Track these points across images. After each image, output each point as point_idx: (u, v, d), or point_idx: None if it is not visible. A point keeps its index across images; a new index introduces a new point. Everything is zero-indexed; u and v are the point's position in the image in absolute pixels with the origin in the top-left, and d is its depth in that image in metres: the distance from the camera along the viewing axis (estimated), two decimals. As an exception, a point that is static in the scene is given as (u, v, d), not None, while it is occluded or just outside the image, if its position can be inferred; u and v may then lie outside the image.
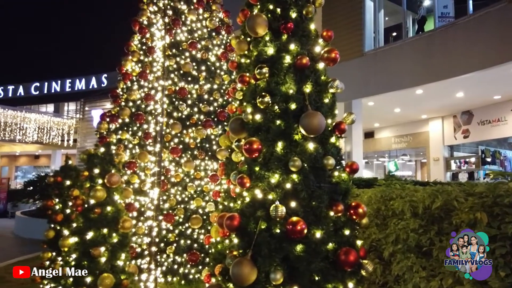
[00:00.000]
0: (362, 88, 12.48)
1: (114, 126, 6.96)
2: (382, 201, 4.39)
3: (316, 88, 2.66)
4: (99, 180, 3.70)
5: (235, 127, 2.79)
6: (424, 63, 11.19)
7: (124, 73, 7.15)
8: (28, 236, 13.03)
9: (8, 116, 22.26)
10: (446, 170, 15.51)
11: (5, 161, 33.87)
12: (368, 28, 13.36)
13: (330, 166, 2.53)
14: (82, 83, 28.37)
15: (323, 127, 2.48)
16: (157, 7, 7.28)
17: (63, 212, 4.88)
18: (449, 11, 12.06)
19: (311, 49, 2.76)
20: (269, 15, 2.76)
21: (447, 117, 15.42)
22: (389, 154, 18.72)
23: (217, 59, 7.49)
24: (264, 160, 2.54)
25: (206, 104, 7.06)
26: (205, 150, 6.84)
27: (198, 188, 6.66)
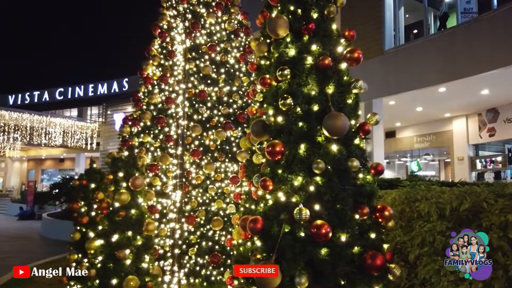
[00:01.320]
0: (382, 87, 12.27)
1: (136, 130, 7.07)
2: (406, 203, 4.30)
3: (339, 88, 2.62)
4: (123, 183, 3.76)
5: (257, 130, 2.78)
6: (447, 61, 10.92)
7: (145, 77, 7.25)
8: (54, 238, 13.37)
9: (34, 121, 22.97)
10: (471, 170, 15.08)
11: (32, 164, 34.96)
12: (388, 26, 13.14)
13: (354, 168, 2.49)
14: (104, 87, 29.01)
15: (347, 129, 2.44)
16: (176, 11, 7.36)
17: (88, 214, 4.98)
18: (472, 7, 11.74)
19: (333, 50, 2.72)
20: (290, 16, 2.74)
21: (471, 115, 15.00)
22: (411, 154, 18.34)
23: (236, 61, 7.50)
24: (287, 163, 2.52)
25: (226, 106, 7.08)
26: (225, 152, 6.86)
27: (219, 190, 6.69)
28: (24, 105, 31.63)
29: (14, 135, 23.26)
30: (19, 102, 33.05)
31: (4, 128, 22.41)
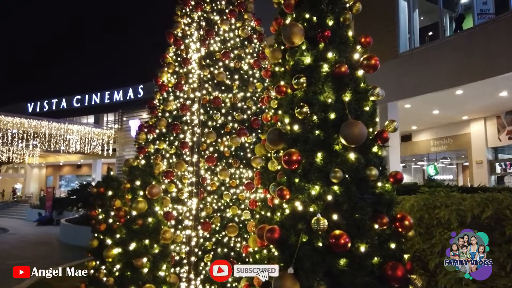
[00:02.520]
0: (398, 91, 12.13)
1: (152, 136, 7.14)
2: (425, 209, 4.22)
3: (356, 96, 2.59)
4: (140, 192, 3.79)
5: (273, 138, 2.76)
6: (464, 62, 10.73)
7: (161, 84, 7.32)
8: (72, 243, 13.58)
9: (52, 128, 23.46)
10: (490, 174, 14.74)
11: (50, 170, 35.68)
12: (403, 28, 13.01)
13: (373, 177, 2.45)
14: (120, 94, 29.48)
15: (364, 137, 2.41)
16: (190, 19, 7.43)
17: (106, 221, 5.04)
18: (489, 8, 11.53)
19: (350, 57, 2.70)
20: (305, 24, 2.73)
21: (489, 118, 14.68)
22: (428, 158, 18.05)
23: (250, 67, 7.52)
24: (304, 171, 2.49)
25: (240, 112, 7.09)
26: (239, 158, 6.86)
27: (234, 196, 6.68)
28: (42, 112, 32.40)
29: (33, 142, 23.79)
30: (37, 110, 33.86)
31: (23, 135, 22.95)
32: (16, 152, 25.86)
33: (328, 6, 2.70)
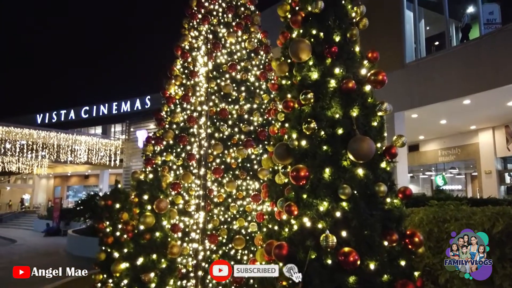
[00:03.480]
0: (404, 100, 12.09)
1: (159, 148, 7.17)
2: (434, 223, 4.17)
3: (364, 111, 2.59)
4: (148, 206, 3.80)
5: (281, 153, 2.77)
6: (471, 72, 10.69)
7: (168, 96, 7.38)
8: (79, 254, 13.58)
9: (61, 139, 23.70)
10: (500, 184, 14.54)
11: (58, 181, 35.92)
12: (409, 38, 13.02)
13: (382, 193, 2.44)
14: (127, 105, 29.72)
15: (373, 153, 2.40)
16: (198, 32, 7.51)
17: (113, 234, 5.04)
18: (496, 17, 11.51)
19: (357, 72, 2.71)
20: (312, 40, 2.75)
21: (498, 128, 14.54)
22: (436, 168, 17.88)
23: (256, 79, 7.56)
24: (312, 187, 2.49)
25: (247, 124, 7.11)
26: (246, 170, 6.85)
27: (241, 208, 6.66)
28: (51, 123, 32.77)
29: (42, 153, 24.02)
30: (46, 121, 34.25)
31: (32, 146, 23.20)
32: (25, 163, 26.12)
33: (335, 22, 2.72)
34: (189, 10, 7.72)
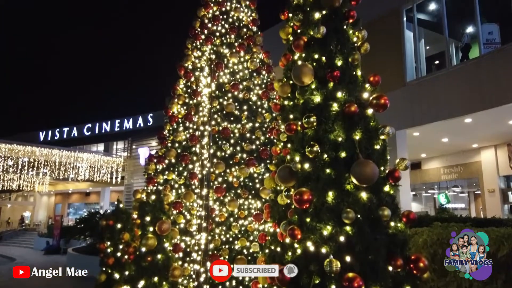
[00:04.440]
0: (406, 119, 12.13)
1: (161, 167, 7.17)
2: (439, 244, 4.14)
3: (366, 134, 2.60)
4: (150, 228, 3.78)
5: (284, 175, 2.77)
6: (472, 91, 10.75)
7: (171, 115, 7.43)
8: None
9: (63, 157, 23.73)
10: (503, 203, 14.43)
11: (59, 198, 35.79)
12: (409, 58, 13.15)
13: (385, 217, 2.43)
14: (130, 122, 29.86)
15: (376, 176, 2.40)
16: (201, 52, 7.61)
17: (114, 255, 5.00)
18: (495, 37, 11.64)
19: (359, 96, 2.73)
20: (314, 64, 2.78)
21: (500, 146, 14.53)
22: (438, 186, 17.78)
23: (259, 98, 7.61)
24: (315, 211, 2.48)
25: (249, 142, 7.12)
26: (248, 189, 6.83)
27: (242, 228, 6.60)
28: (54, 141, 32.88)
29: (44, 170, 24.02)
30: (49, 138, 34.37)
31: (34, 163, 23.22)
32: (27, 180, 26.09)
33: (337, 47, 2.76)
34: (192, 31, 7.86)
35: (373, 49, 3.59)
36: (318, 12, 2.81)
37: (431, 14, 13.82)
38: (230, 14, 7.80)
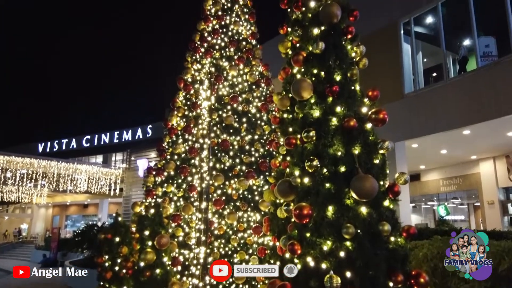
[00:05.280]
0: (404, 131, 12.16)
1: (160, 179, 7.15)
2: (439, 258, 4.11)
3: (365, 149, 2.61)
4: (149, 242, 3.75)
5: (283, 190, 2.77)
6: (470, 103, 10.81)
7: (170, 128, 7.44)
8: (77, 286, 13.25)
9: (61, 168, 23.65)
10: (503, 214, 14.39)
11: (57, 210, 35.57)
12: (407, 70, 13.25)
13: (386, 233, 2.42)
14: (129, 134, 29.86)
15: (376, 191, 2.40)
16: (200, 65, 7.67)
17: (112, 269, 4.94)
18: (492, 50, 11.75)
19: (358, 110, 2.75)
20: (313, 78, 2.81)
21: (499, 158, 14.55)
22: (438, 198, 17.74)
23: (258, 111, 7.64)
24: (315, 226, 2.47)
25: (248, 155, 7.12)
26: (247, 201, 6.80)
27: (242, 241, 6.56)
28: (52, 152, 32.81)
29: (42, 182, 23.91)
30: (47, 149, 34.31)
31: (32, 175, 23.13)
32: (25, 192, 25.95)
33: (336, 62, 2.79)
34: (192, 44, 7.92)
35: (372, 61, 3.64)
36: (317, 28, 2.85)
37: (428, 27, 13.97)
38: (230, 27, 7.88)
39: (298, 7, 3.01)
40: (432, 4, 12.55)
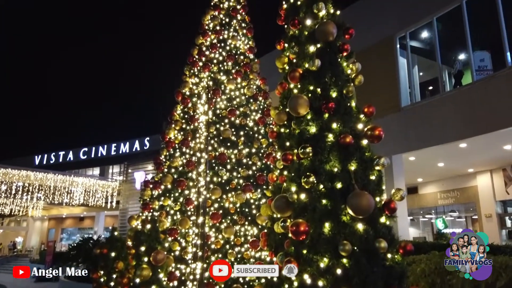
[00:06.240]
0: (401, 143, 12.20)
1: (157, 193, 7.11)
2: (437, 273, 4.10)
3: (362, 165, 2.63)
4: (145, 258, 3.72)
5: (280, 205, 2.77)
6: (466, 117, 10.88)
7: (168, 141, 7.43)
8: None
9: (58, 181, 23.51)
10: (501, 228, 14.34)
11: (53, 223, 35.21)
12: (403, 83, 13.36)
13: (382, 250, 2.42)
14: (126, 146, 29.82)
15: (372, 208, 2.41)
16: (198, 78, 7.71)
17: (107, 284, 4.88)
18: (487, 64, 11.88)
19: (354, 127, 2.77)
20: (310, 95, 2.83)
21: (496, 170, 14.57)
22: (435, 210, 17.69)
23: (255, 124, 7.66)
24: (312, 242, 2.47)
25: (245, 168, 7.11)
26: (245, 215, 6.76)
27: (239, 255, 6.50)
28: (49, 165, 32.66)
29: (38, 195, 23.73)
30: (44, 162, 34.15)
31: (28, 188, 22.96)
32: (20, 205, 25.72)
33: (332, 79, 2.82)
34: (190, 58, 7.98)
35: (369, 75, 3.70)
36: (313, 46, 2.88)
37: (424, 41, 14.15)
38: (228, 42, 7.96)
39: (294, 25, 3.06)
40: (427, 19, 12.73)
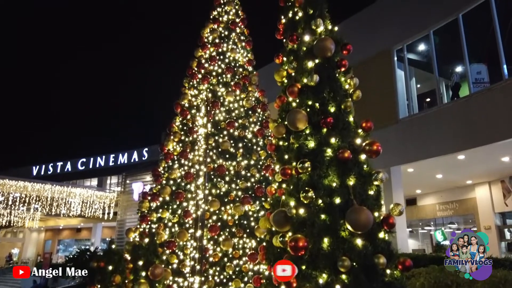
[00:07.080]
0: (400, 155, 12.22)
1: (155, 205, 7.08)
2: (436, 287, 4.07)
3: (360, 180, 2.63)
4: (143, 273, 3.69)
5: (279, 220, 2.76)
6: (464, 129, 10.92)
7: (166, 152, 7.43)
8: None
9: (55, 192, 23.37)
10: (500, 240, 14.28)
11: (49, 234, 34.92)
12: (401, 95, 13.44)
13: (381, 265, 2.41)
14: (124, 157, 29.76)
15: (371, 223, 2.41)
16: (197, 91, 7.75)
17: (104, 299, 4.84)
18: (483, 77, 11.98)
19: (352, 141, 2.79)
20: (308, 110, 2.85)
21: (494, 182, 14.58)
22: (434, 222, 17.63)
23: (254, 136, 7.67)
24: (311, 257, 2.46)
25: (244, 180, 7.10)
26: (243, 227, 6.72)
27: (237, 268, 6.45)
28: (47, 175, 32.53)
29: (35, 206, 23.57)
30: (42, 173, 34.02)
31: (25, 199, 22.81)
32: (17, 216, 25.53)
33: (330, 94, 2.84)
34: (189, 70, 8.03)
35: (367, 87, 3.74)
36: (311, 61, 2.92)
37: (421, 54, 14.28)
38: (227, 54, 8.02)
39: (293, 40, 3.10)
40: (424, 32, 12.88)
